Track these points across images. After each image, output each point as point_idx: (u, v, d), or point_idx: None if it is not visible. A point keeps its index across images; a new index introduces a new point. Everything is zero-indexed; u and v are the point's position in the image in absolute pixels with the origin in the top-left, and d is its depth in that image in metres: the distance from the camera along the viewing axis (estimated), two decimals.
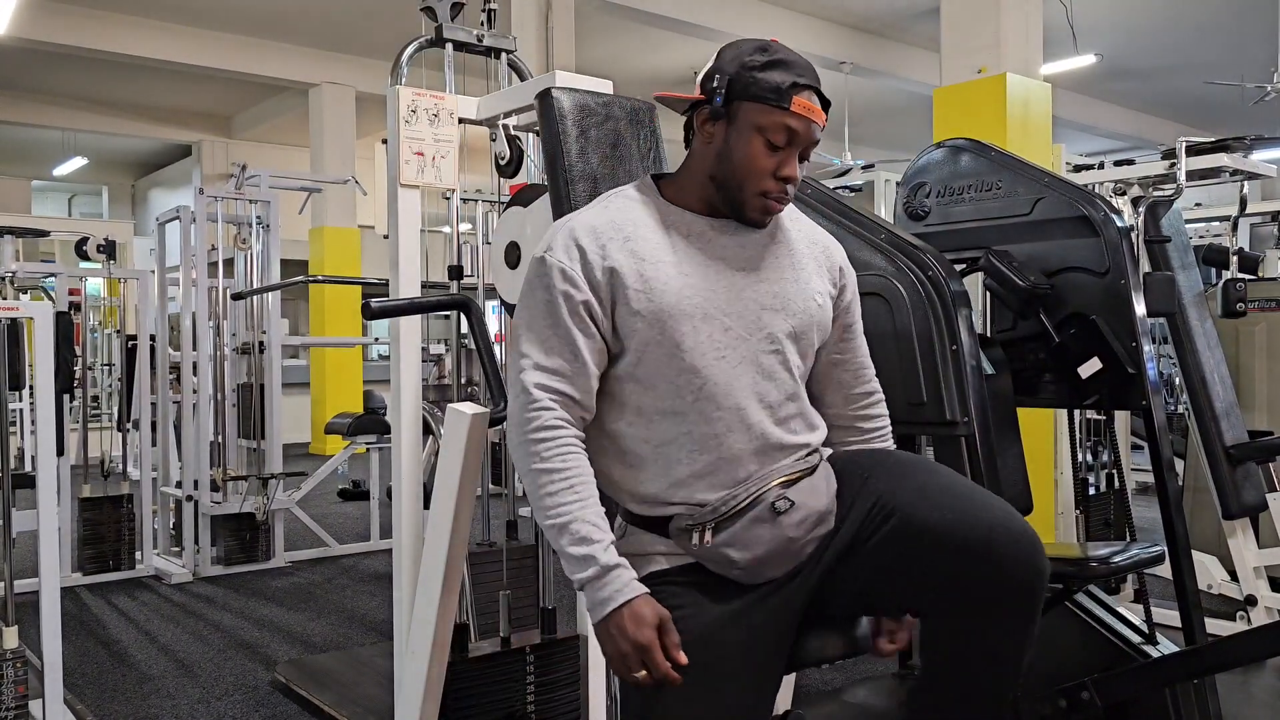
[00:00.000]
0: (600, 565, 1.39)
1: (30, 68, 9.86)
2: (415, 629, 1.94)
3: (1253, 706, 3.01)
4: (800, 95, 1.47)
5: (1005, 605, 1.41)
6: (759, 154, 1.48)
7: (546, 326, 1.47)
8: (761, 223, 1.54)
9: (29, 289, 5.90)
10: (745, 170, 1.49)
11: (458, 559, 1.66)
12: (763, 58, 1.48)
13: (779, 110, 1.46)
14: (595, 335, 1.48)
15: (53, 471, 2.63)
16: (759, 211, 1.52)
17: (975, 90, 4.94)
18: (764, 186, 1.49)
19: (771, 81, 1.46)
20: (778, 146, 1.48)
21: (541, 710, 2.43)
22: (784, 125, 1.47)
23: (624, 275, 1.47)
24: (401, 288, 2.26)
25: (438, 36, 2.42)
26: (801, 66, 1.49)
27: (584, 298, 1.46)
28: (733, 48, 1.53)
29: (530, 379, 1.46)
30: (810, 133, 1.49)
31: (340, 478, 7.17)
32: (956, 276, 2.22)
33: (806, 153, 1.52)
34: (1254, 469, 3.46)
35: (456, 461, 1.57)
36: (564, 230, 1.52)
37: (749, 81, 1.47)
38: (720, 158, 1.51)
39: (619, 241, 1.49)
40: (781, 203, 1.53)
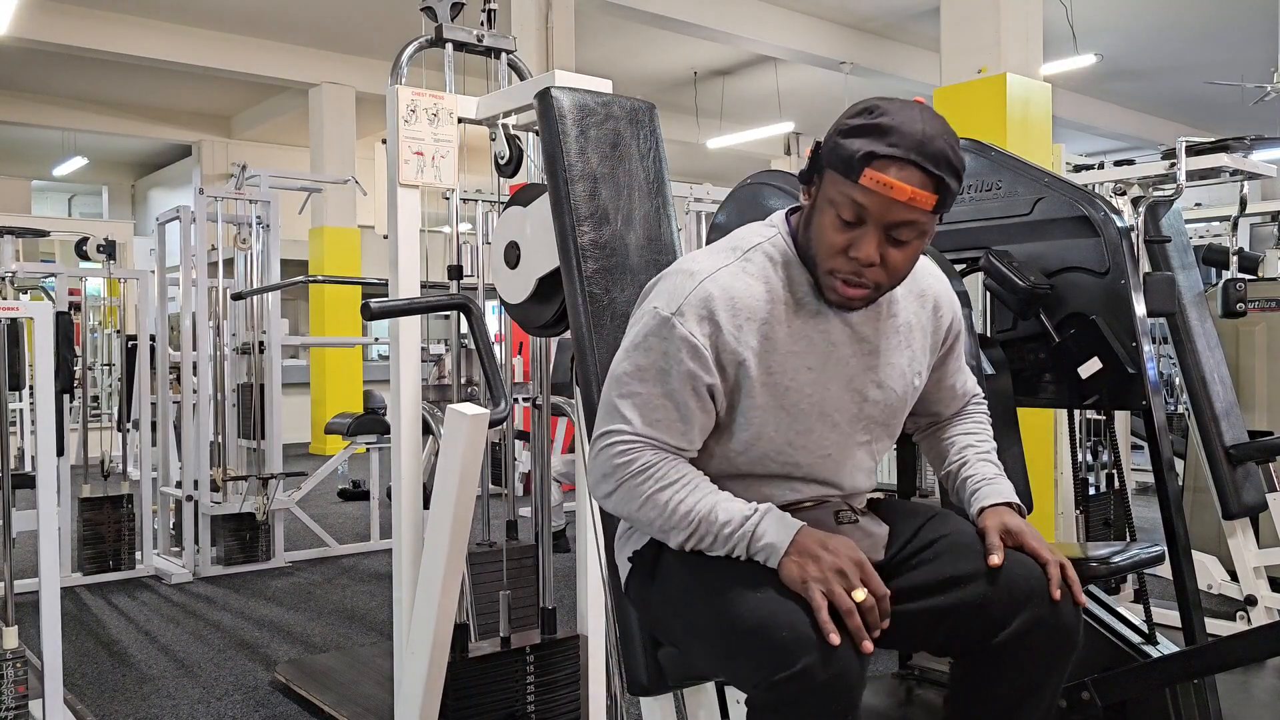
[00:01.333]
0: (757, 512, 1.36)
1: (30, 68, 9.86)
2: (415, 629, 1.95)
3: (1253, 706, 3.01)
4: (877, 166, 1.31)
5: (1046, 643, 1.40)
6: (828, 228, 1.37)
7: (659, 395, 1.40)
8: (838, 304, 1.42)
9: (29, 289, 5.91)
10: (817, 244, 1.40)
11: (458, 559, 1.66)
12: (857, 120, 1.35)
13: (847, 182, 1.33)
14: (710, 411, 1.44)
15: (53, 471, 2.62)
16: (832, 292, 1.41)
17: (975, 90, 4.94)
18: (831, 265, 1.38)
19: (848, 149, 1.33)
20: (848, 223, 1.35)
21: (541, 710, 2.43)
22: (850, 200, 1.33)
23: (751, 366, 1.41)
24: (401, 288, 2.26)
25: (438, 36, 2.42)
26: (898, 134, 1.31)
27: (710, 381, 1.40)
28: (854, 107, 1.40)
29: (627, 443, 1.41)
30: (888, 213, 1.32)
31: (340, 478, 7.17)
32: (956, 276, 2.22)
33: (897, 237, 1.35)
34: (1254, 469, 3.46)
35: (456, 462, 1.57)
36: (698, 294, 1.40)
37: (832, 146, 1.37)
38: (806, 225, 1.43)
39: (755, 324, 1.41)
40: (858, 288, 1.39)
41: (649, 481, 1.40)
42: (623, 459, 1.41)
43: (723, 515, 1.37)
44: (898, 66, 9.62)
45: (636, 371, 1.42)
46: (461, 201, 2.59)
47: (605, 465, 1.43)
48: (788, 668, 1.22)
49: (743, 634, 1.29)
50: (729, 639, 1.32)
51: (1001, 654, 1.40)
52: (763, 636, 1.26)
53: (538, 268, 2.07)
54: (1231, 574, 3.56)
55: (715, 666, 1.45)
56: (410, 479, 2.26)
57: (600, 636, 2.37)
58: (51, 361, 2.56)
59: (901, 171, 1.30)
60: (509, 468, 2.99)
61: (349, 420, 5.84)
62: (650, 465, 1.40)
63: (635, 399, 1.42)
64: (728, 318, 1.40)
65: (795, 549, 1.31)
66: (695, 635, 1.43)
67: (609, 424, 1.44)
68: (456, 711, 2.28)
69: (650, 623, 1.59)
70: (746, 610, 1.30)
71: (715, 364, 1.40)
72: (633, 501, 1.41)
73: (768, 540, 1.33)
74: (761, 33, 8.69)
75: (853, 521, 1.49)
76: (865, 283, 1.38)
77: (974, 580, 1.40)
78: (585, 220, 1.80)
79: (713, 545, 1.38)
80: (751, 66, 10.24)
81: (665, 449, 1.42)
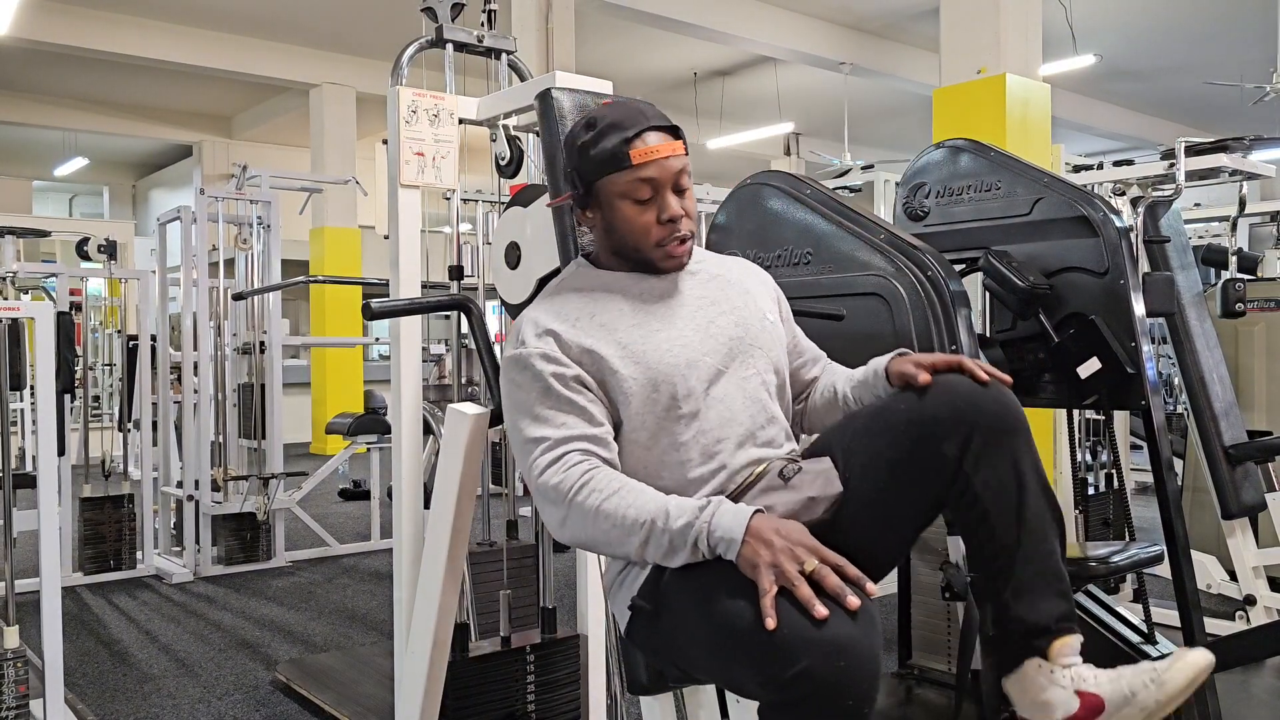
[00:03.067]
0: (710, 504, 1.37)
1: (30, 68, 9.86)
2: (415, 628, 1.95)
3: (1253, 706, 3.01)
4: (635, 145, 1.50)
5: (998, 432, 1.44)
6: (633, 215, 1.53)
7: (547, 406, 1.47)
8: (677, 267, 1.59)
9: (30, 289, 5.91)
10: (631, 234, 1.54)
11: (458, 559, 1.66)
12: (591, 132, 1.53)
13: (626, 170, 1.50)
14: (597, 399, 1.49)
15: (53, 471, 2.63)
16: (666, 260, 1.57)
17: (975, 90, 4.95)
18: (656, 237, 1.54)
19: (607, 150, 1.50)
20: (646, 199, 1.52)
21: (541, 710, 2.44)
22: (637, 180, 1.51)
23: (602, 351, 1.50)
24: (401, 288, 2.26)
25: (438, 37, 2.42)
26: (630, 117, 1.51)
27: (574, 372, 1.49)
28: (569, 135, 1.58)
29: (550, 454, 1.45)
30: (667, 169, 1.51)
31: (341, 478, 7.17)
32: (956, 276, 2.22)
33: (680, 186, 1.54)
34: (1253, 469, 3.46)
35: (457, 461, 1.57)
36: (528, 323, 1.54)
37: (590, 160, 1.52)
38: (609, 233, 1.57)
39: (585, 319, 1.53)
40: (682, 241, 1.56)
41: (593, 495, 1.42)
42: (558, 474, 1.44)
43: (674, 513, 1.38)
44: (897, 67, 9.62)
45: (521, 407, 1.49)
46: (462, 202, 2.59)
47: (546, 490, 1.45)
48: (791, 667, 1.22)
49: (741, 640, 1.29)
50: (729, 647, 1.32)
51: (972, 475, 1.43)
52: (761, 639, 1.26)
53: (538, 268, 2.08)
54: (1231, 574, 3.57)
55: (727, 679, 1.45)
56: (411, 479, 2.26)
57: (600, 636, 2.38)
58: (52, 361, 2.56)
59: (651, 137, 1.50)
60: (509, 467, 2.99)
61: (349, 420, 5.84)
62: (587, 476, 1.43)
63: (535, 423, 1.48)
64: (562, 325, 1.52)
65: (750, 535, 1.32)
66: (704, 654, 1.42)
67: (529, 454, 1.47)
68: (456, 711, 2.29)
69: (658, 660, 1.58)
70: (744, 616, 1.29)
71: (569, 357, 1.49)
72: (585, 519, 1.42)
73: (722, 532, 1.34)
74: (761, 33, 8.70)
75: (798, 471, 1.51)
76: (684, 234, 1.55)
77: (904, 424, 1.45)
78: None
79: (670, 548, 1.38)
80: (751, 67, 10.24)
81: (586, 448, 1.46)
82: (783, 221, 2.29)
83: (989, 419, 1.44)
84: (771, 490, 1.49)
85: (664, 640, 1.51)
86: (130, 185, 15.02)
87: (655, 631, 1.52)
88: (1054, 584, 1.46)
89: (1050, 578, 1.46)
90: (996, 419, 1.45)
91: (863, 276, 2.10)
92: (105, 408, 6.60)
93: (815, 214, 2.24)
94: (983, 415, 1.44)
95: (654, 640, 1.54)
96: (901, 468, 1.46)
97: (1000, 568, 1.46)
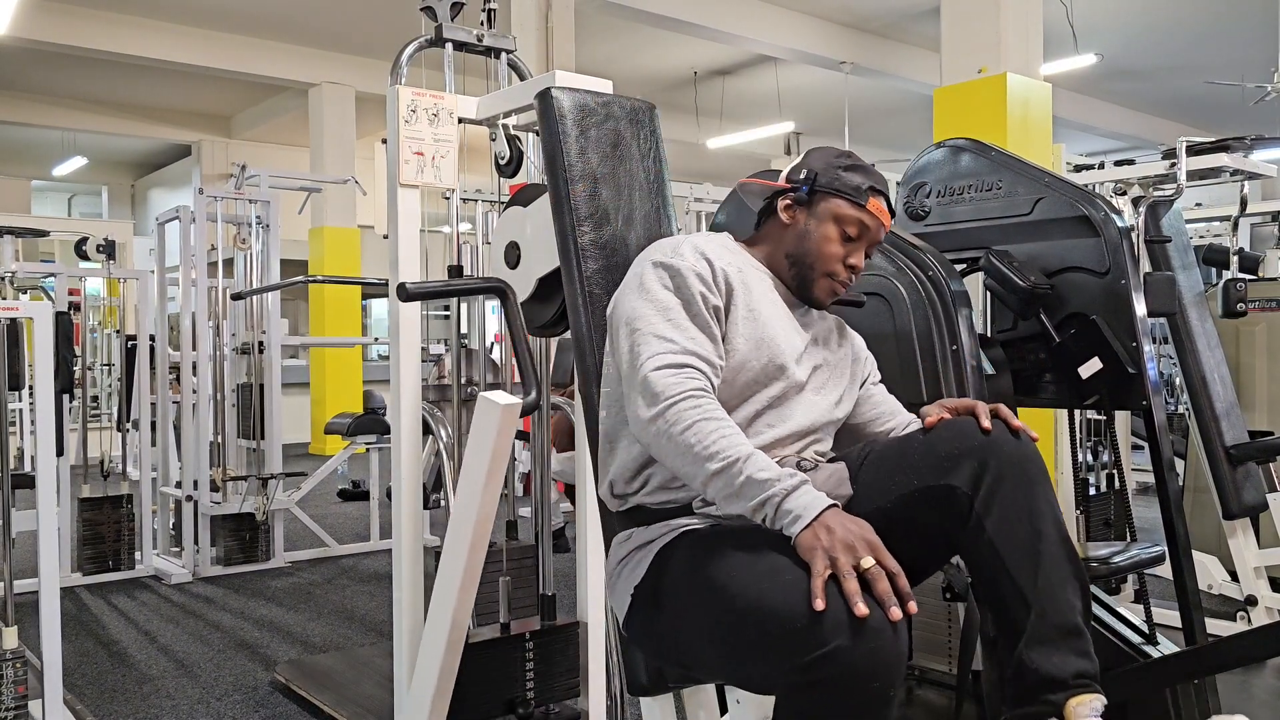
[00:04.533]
0: (796, 479, 1.37)
1: (30, 68, 9.86)
2: (432, 621, 1.86)
3: (1253, 706, 3.01)
4: (876, 199, 1.67)
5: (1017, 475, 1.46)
6: (833, 241, 1.67)
7: (687, 318, 1.53)
8: (823, 304, 1.71)
9: (29, 289, 5.90)
10: (819, 253, 1.67)
11: (479, 552, 1.62)
12: (847, 161, 1.69)
13: (856, 207, 1.66)
14: (719, 338, 1.56)
15: (52, 471, 2.62)
16: (825, 293, 1.69)
17: (975, 90, 4.94)
18: (833, 269, 1.67)
19: (853, 182, 1.67)
20: (850, 238, 1.67)
21: (540, 696, 2.43)
22: (859, 220, 1.66)
23: (737, 296, 1.59)
24: None
25: (437, 36, 2.42)
26: (878, 176, 1.70)
27: (717, 303, 1.57)
28: (820, 151, 1.73)
29: (675, 358, 1.48)
30: (878, 232, 1.69)
31: (340, 478, 7.17)
32: (956, 276, 2.22)
33: (870, 250, 1.70)
34: (1254, 469, 3.46)
35: (486, 452, 1.51)
36: (688, 243, 1.62)
37: (834, 178, 1.67)
38: (800, 239, 1.68)
39: (735, 269, 1.62)
40: (843, 290, 1.70)
41: (697, 410, 1.43)
42: (675, 376, 1.46)
43: (761, 464, 1.38)
44: (898, 66, 9.62)
45: (658, 306, 1.54)
46: (461, 201, 2.59)
47: (657, 384, 1.45)
48: (818, 648, 1.21)
49: (763, 625, 1.28)
50: (748, 634, 1.31)
51: (984, 516, 1.43)
52: (787, 622, 1.25)
53: (538, 268, 2.07)
54: (1232, 574, 3.56)
55: (734, 670, 1.42)
56: (410, 479, 2.26)
57: (600, 622, 2.38)
58: (51, 361, 2.56)
59: (883, 204, 1.69)
60: (509, 467, 2.99)
61: (349, 420, 5.83)
62: (699, 393, 1.45)
63: (669, 325, 1.52)
64: (716, 256, 1.61)
65: (819, 521, 1.31)
66: (709, 645, 1.41)
67: (652, 347, 1.49)
68: (456, 698, 2.28)
69: (658, 655, 1.57)
70: (764, 602, 1.29)
71: (716, 286, 1.57)
72: (677, 424, 1.42)
73: (796, 508, 1.33)
74: (761, 33, 8.69)
75: (814, 467, 1.57)
76: (848, 284, 1.70)
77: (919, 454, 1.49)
78: (585, 220, 1.80)
79: (738, 490, 1.37)
80: (751, 66, 10.23)
81: (707, 371, 1.50)
82: None
83: (1003, 460, 1.45)
84: None
85: (666, 631, 1.50)
86: (129, 185, 15.01)
87: (656, 623, 1.51)
88: (1073, 641, 1.42)
89: (1069, 634, 1.42)
90: (1011, 463, 1.46)
91: (864, 276, 2.10)
92: (104, 408, 6.59)
93: None
94: (995, 454, 1.45)
95: (655, 630, 1.53)
96: (913, 499, 1.46)
97: (1014, 619, 1.43)
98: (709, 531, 1.48)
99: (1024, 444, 1.49)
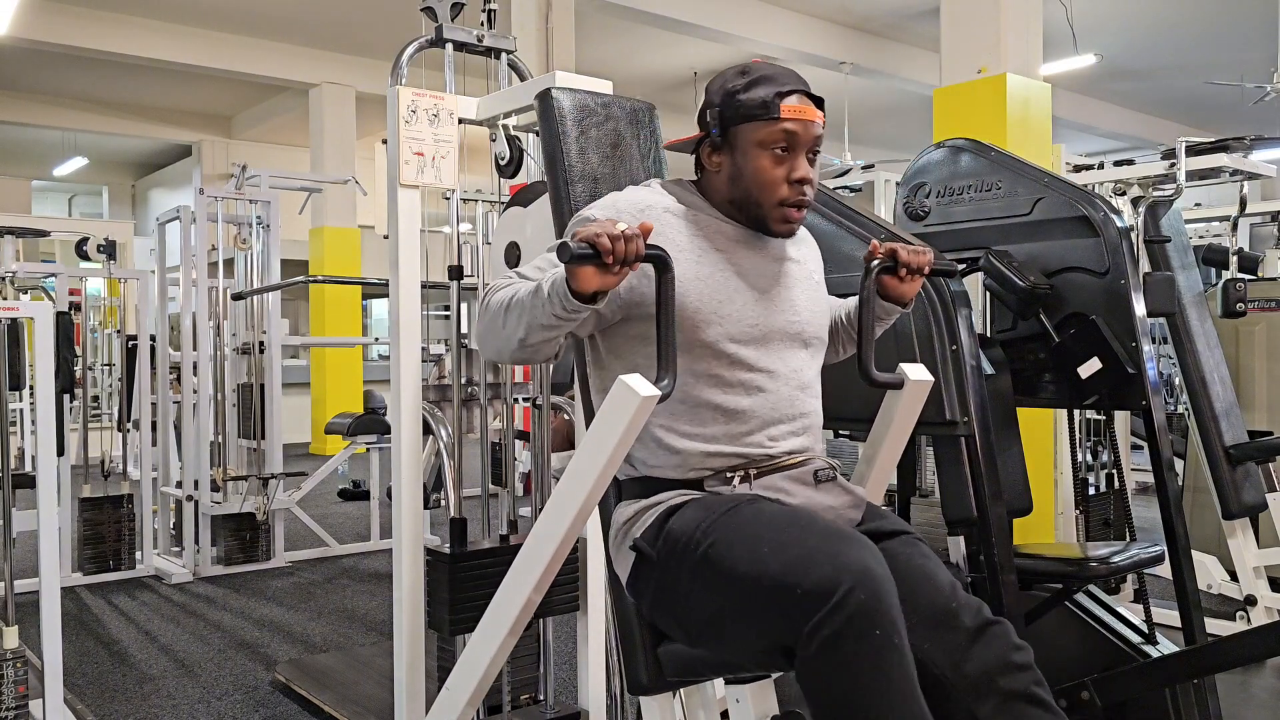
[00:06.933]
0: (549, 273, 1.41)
1: (30, 68, 9.86)
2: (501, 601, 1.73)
3: (1253, 706, 3.01)
4: (787, 101, 1.54)
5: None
6: (767, 166, 1.55)
7: (548, 253, 1.51)
8: (787, 233, 1.61)
9: (29, 289, 5.90)
10: (759, 185, 1.56)
11: (570, 541, 1.56)
12: (744, 79, 1.57)
13: (771, 121, 1.54)
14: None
15: (53, 471, 2.62)
16: (781, 222, 1.59)
17: (975, 90, 4.94)
18: (780, 195, 1.57)
19: (757, 98, 1.54)
20: (782, 154, 1.55)
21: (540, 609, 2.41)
22: (780, 133, 1.54)
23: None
24: (402, 288, 2.26)
25: (438, 37, 2.42)
26: (784, 76, 1.56)
27: None
28: (718, 79, 1.61)
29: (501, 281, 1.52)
30: (809, 132, 1.56)
31: (340, 478, 7.17)
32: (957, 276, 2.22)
33: (813, 153, 1.58)
34: (1254, 469, 3.46)
35: (612, 440, 1.39)
36: (606, 200, 1.61)
37: (737, 105, 1.56)
38: (733, 181, 1.59)
39: (655, 222, 1.52)
40: (801, 208, 1.59)
41: (491, 294, 1.49)
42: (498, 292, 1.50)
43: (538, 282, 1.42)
44: (898, 66, 9.62)
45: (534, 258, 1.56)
46: (462, 202, 2.59)
47: (479, 312, 1.53)
48: (829, 598, 1.26)
49: (773, 586, 1.32)
50: (758, 597, 1.35)
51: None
52: (795, 581, 1.30)
53: None
54: (1231, 574, 3.56)
55: (743, 635, 1.43)
56: (410, 479, 2.26)
57: (600, 621, 2.39)
58: (52, 361, 2.56)
59: (801, 100, 1.55)
60: (509, 467, 2.99)
61: (349, 420, 5.83)
62: (494, 285, 1.51)
63: (527, 265, 1.55)
64: (630, 211, 1.55)
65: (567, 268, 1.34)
66: (716, 610, 1.43)
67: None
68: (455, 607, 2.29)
69: (657, 616, 1.58)
70: (771, 564, 1.33)
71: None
72: (484, 318, 1.50)
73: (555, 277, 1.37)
74: (761, 33, 8.69)
75: (831, 479, 1.58)
76: (807, 201, 1.59)
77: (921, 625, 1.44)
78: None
79: (537, 306, 1.40)
80: None
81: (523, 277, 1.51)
82: None
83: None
84: (799, 483, 1.54)
85: (666, 596, 1.52)
86: (130, 185, 15.01)
87: (656, 583, 1.53)
88: None
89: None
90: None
91: None
92: (105, 408, 6.58)
93: (815, 214, 2.24)
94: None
95: (653, 590, 1.54)
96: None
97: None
98: (712, 501, 1.50)
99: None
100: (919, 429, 2.09)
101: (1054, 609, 2.30)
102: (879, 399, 1.77)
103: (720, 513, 1.46)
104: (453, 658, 2.33)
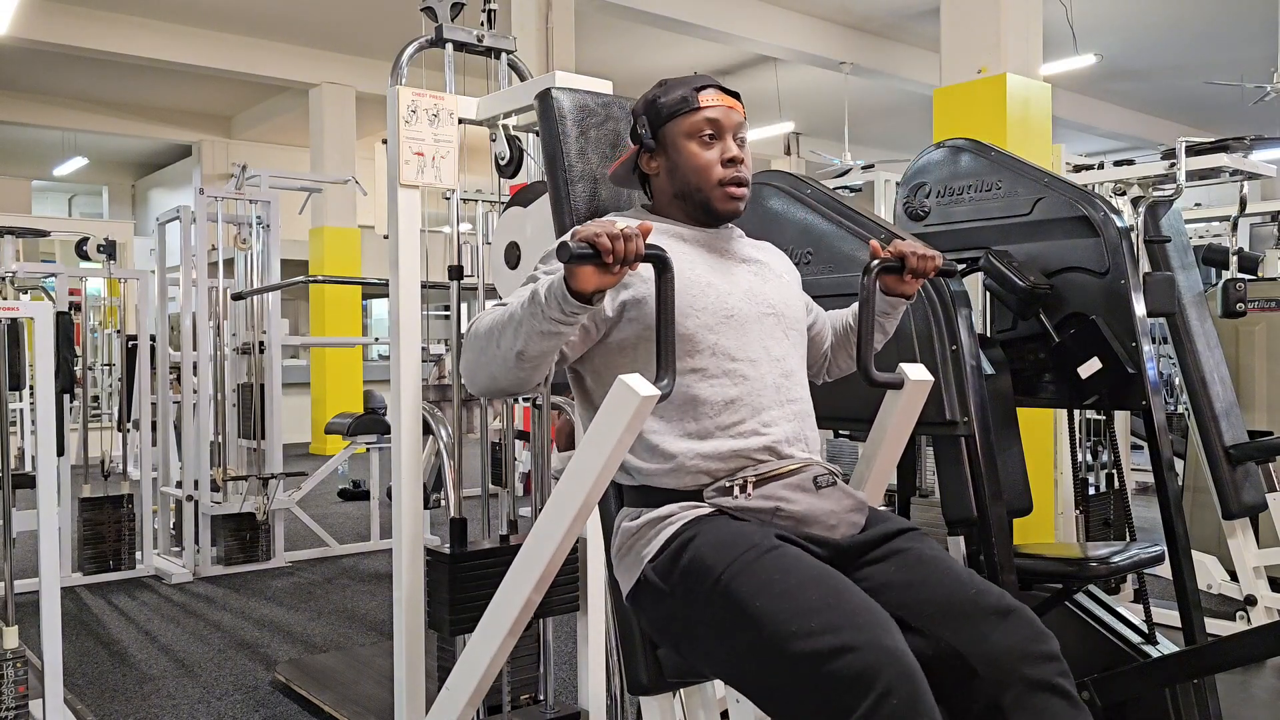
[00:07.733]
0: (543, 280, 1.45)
1: (30, 68, 9.86)
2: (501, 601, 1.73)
3: (1253, 706, 3.01)
4: (704, 93, 1.67)
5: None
6: (698, 152, 1.66)
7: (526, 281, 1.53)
8: (733, 211, 1.69)
9: (29, 289, 5.90)
10: (695, 170, 1.66)
11: (572, 540, 1.57)
12: (662, 89, 1.71)
13: (692, 112, 1.66)
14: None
15: (53, 471, 2.62)
16: (725, 200, 1.67)
17: (975, 90, 4.94)
18: (717, 175, 1.66)
19: (677, 96, 1.68)
20: (710, 140, 1.66)
21: (540, 610, 2.41)
22: (704, 120, 1.66)
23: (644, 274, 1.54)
24: (402, 288, 2.26)
25: (438, 37, 2.42)
26: (698, 78, 1.71)
27: None
28: (639, 99, 1.75)
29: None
30: (730, 118, 1.67)
31: (340, 478, 7.17)
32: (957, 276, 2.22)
33: (739, 139, 1.69)
34: (1254, 469, 3.46)
35: (611, 439, 1.38)
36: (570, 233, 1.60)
37: (660, 108, 1.69)
38: (673, 175, 1.69)
39: None
40: (740, 185, 1.68)
41: (478, 322, 1.54)
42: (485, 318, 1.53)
43: (527, 298, 1.45)
44: (898, 66, 9.62)
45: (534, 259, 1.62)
46: (462, 202, 2.59)
47: (465, 342, 1.56)
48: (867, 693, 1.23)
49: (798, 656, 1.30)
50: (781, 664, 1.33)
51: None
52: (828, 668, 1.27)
53: None
54: (1231, 574, 3.56)
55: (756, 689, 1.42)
56: (410, 479, 2.26)
57: (601, 621, 2.38)
58: (52, 361, 2.56)
59: (716, 93, 1.69)
60: (509, 467, 2.99)
61: (349, 420, 5.83)
62: (479, 316, 1.55)
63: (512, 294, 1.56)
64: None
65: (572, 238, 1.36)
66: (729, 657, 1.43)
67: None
68: (455, 607, 2.29)
69: (659, 638, 1.58)
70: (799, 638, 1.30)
71: None
72: (473, 345, 1.53)
73: (554, 279, 1.41)
74: (761, 33, 8.69)
75: (832, 484, 1.58)
76: (744, 178, 1.68)
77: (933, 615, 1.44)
78: (586, 220, 1.80)
79: (535, 313, 1.43)
80: (751, 67, 10.23)
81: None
82: (783, 221, 2.29)
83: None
84: (800, 490, 1.54)
85: (675, 616, 1.51)
86: (130, 185, 15.01)
87: (664, 605, 1.52)
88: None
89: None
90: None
91: None
92: (105, 408, 6.58)
93: (815, 214, 2.24)
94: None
95: (662, 612, 1.54)
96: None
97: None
98: (727, 534, 1.48)
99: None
100: (919, 429, 2.09)
101: (1054, 609, 2.30)
102: (879, 399, 1.77)
103: (740, 554, 1.42)
104: (453, 658, 2.34)
